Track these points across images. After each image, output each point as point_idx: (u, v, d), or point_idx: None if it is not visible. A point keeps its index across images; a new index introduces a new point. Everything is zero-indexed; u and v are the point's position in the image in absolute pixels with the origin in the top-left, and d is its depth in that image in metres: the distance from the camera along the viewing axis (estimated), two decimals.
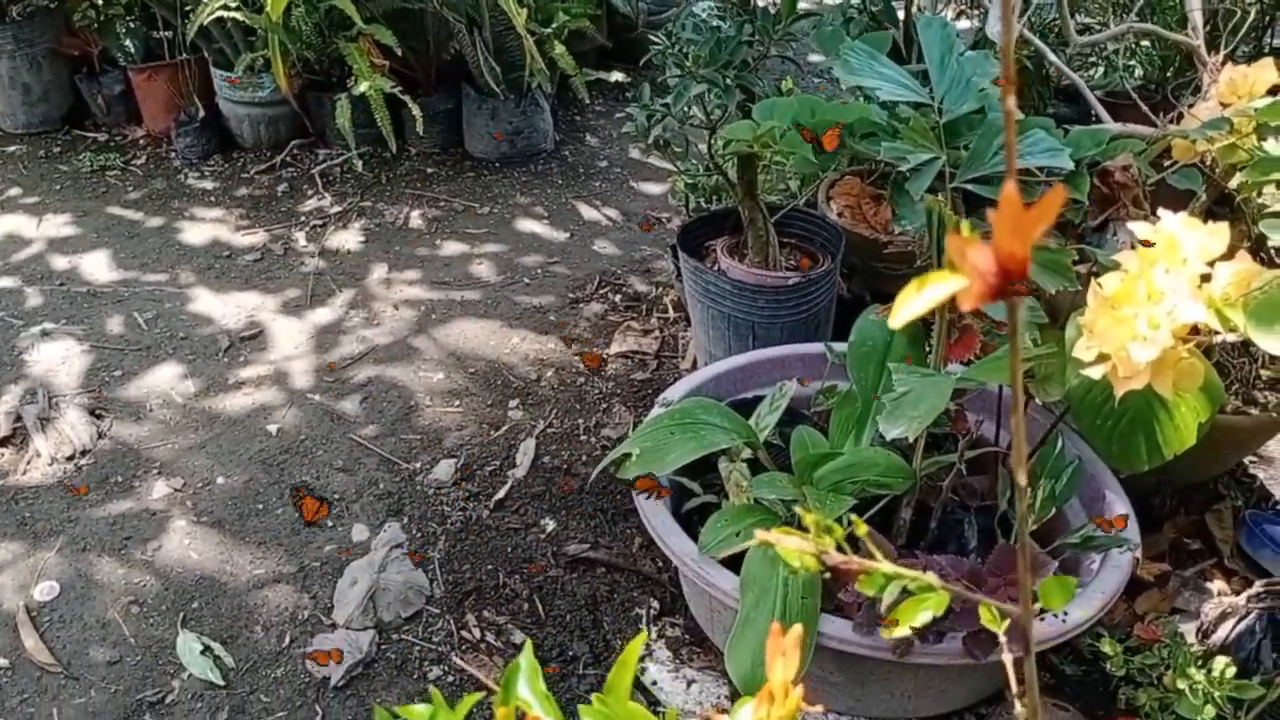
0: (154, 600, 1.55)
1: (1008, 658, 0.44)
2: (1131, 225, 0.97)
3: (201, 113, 2.87)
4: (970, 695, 1.38)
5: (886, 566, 0.36)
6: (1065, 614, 1.24)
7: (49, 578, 1.58)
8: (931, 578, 0.38)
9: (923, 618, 0.38)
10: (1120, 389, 0.95)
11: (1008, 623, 0.40)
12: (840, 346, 1.55)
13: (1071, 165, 1.18)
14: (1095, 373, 0.96)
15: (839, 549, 0.36)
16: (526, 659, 0.41)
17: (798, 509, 1.32)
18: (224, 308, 2.21)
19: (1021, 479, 0.34)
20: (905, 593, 0.38)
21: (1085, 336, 0.98)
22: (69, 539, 1.65)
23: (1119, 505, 1.40)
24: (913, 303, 0.32)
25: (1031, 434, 1.47)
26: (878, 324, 1.49)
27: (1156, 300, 0.92)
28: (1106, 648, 1.35)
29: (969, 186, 1.24)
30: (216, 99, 2.89)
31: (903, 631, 0.38)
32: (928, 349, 1.40)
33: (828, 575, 1.23)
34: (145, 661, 1.46)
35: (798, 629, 0.45)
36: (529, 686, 0.40)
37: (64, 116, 3.05)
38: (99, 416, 1.89)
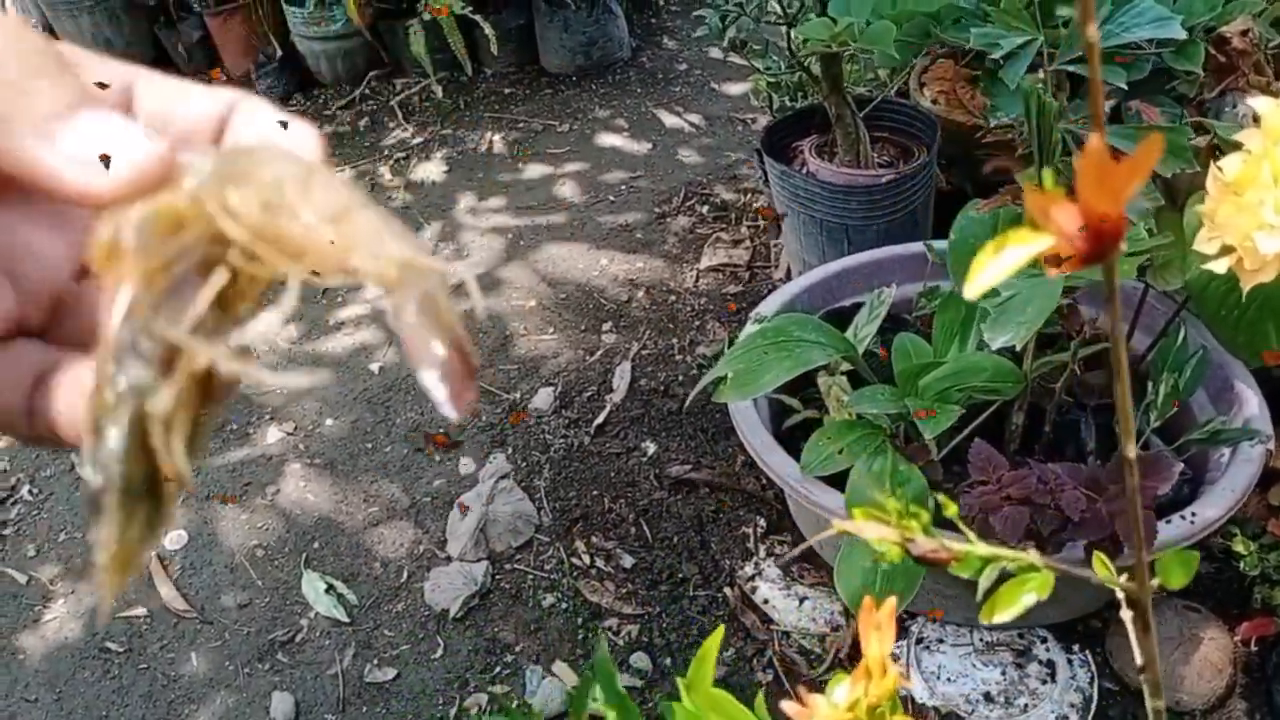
0: (277, 543, 1.61)
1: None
2: (1250, 100, 0.88)
3: (279, 53, 2.88)
4: (1091, 602, 1.34)
5: (982, 548, 0.33)
6: (1194, 514, 1.18)
7: (177, 527, 1.65)
8: (1033, 556, 0.34)
9: (1026, 601, 0.34)
10: (1247, 282, 0.87)
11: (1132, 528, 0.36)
12: (941, 245, 1.48)
13: (1184, 34, 1.08)
14: (1219, 266, 0.88)
15: (925, 532, 0.33)
16: (600, 665, 0.39)
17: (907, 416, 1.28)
18: None
19: (1130, 452, 0.30)
20: (1005, 574, 0.35)
21: (1206, 227, 0.90)
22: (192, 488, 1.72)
23: (1248, 395, 1.31)
24: (990, 267, 0.28)
25: (1152, 324, 1.39)
26: (980, 219, 1.41)
27: None
28: (1239, 546, 1.28)
29: (1070, 68, 1.14)
30: (291, 37, 2.89)
31: (1004, 616, 0.34)
32: None
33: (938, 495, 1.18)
34: (274, 603, 1.52)
35: (891, 602, 0.42)
36: (605, 693, 0.38)
37: (149, 67, 3.08)
38: None
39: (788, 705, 0.40)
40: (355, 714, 1.38)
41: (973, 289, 0.28)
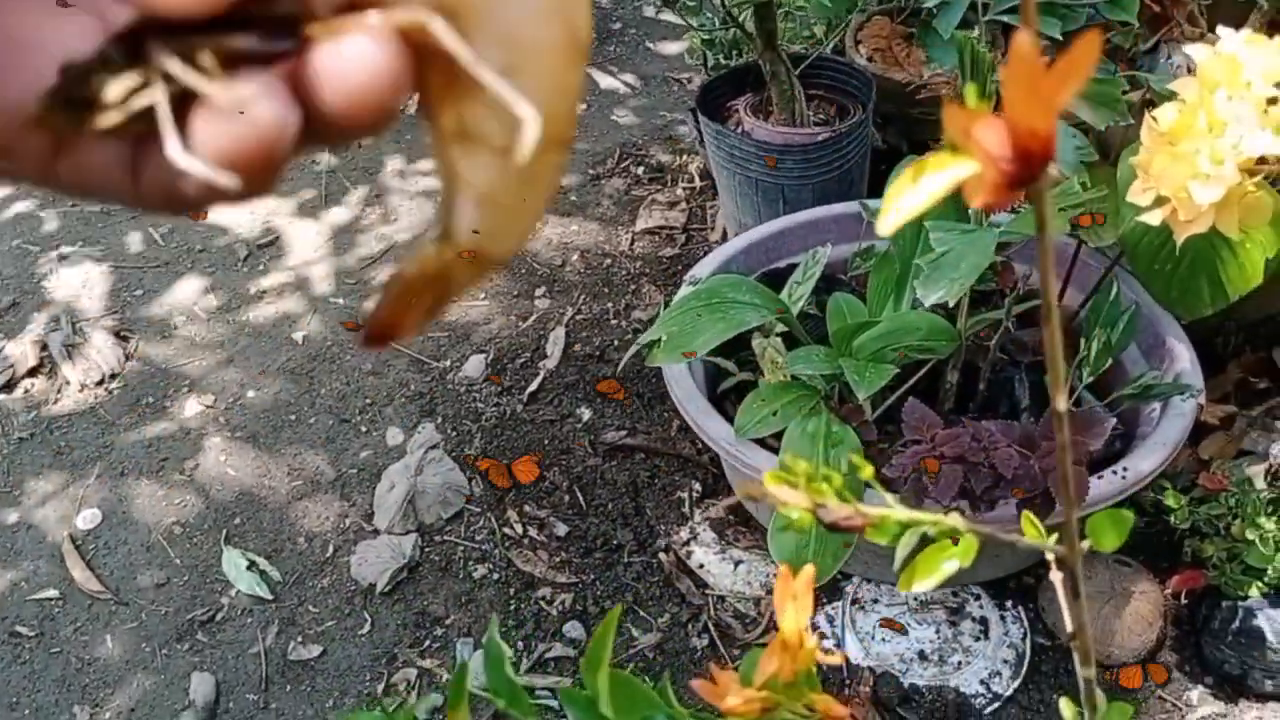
0: (196, 520, 1.55)
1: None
2: (1187, 49, 0.86)
3: None
4: (1026, 559, 1.33)
5: (899, 512, 0.30)
6: (1125, 469, 1.17)
7: (90, 505, 1.58)
8: (956, 520, 0.31)
9: (947, 569, 0.32)
10: (1182, 234, 0.86)
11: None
12: (876, 204, 1.46)
13: None
14: (1153, 218, 0.87)
15: (839, 496, 0.30)
16: (490, 648, 0.35)
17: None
18: (239, 215, 2.16)
19: (1060, 404, 0.27)
20: (925, 539, 0.32)
21: (1140, 178, 0.88)
22: (106, 465, 1.64)
23: (1180, 350, 1.31)
24: (907, 197, 0.25)
25: (1085, 281, 1.38)
26: None
27: (1219, 132, 0.82)
28: (1170, 500, 1.28)
29: (1005, 19, 1.12)
30: None
31: (924, 585, 0.32)
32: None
33: (864, 450, 1.16)
34: (193, 581, 1.47)
35: (809, 570, 0.39)
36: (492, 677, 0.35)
37: None
38: (124, 338, 1.87)
39: (698, 684, 0.37)
40: (279, 693, 1.33)
41: (888, 223, 0.25)
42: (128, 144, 0.23)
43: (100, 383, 1.78)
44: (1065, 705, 0.39)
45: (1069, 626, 0.35)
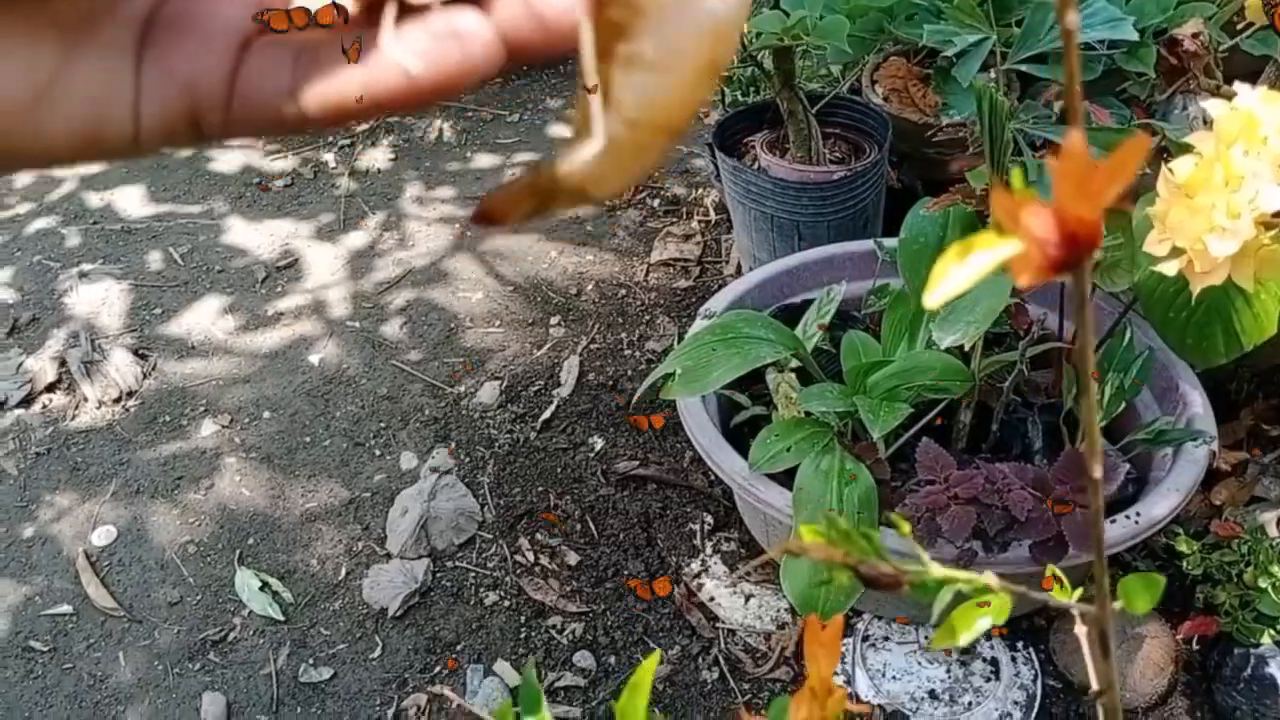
0: (210, 539, 1.56)
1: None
2: (1204, 103, 0.87)
3: None
4: (1035, 600, 1.34)
5: (936, 570, 0.31)
6: (1138, 514, 1.18)
7: (105, 522, 1.59)
8: (990, 578, 0.32)
9: (981, 625, 0.33)
10: (1197, 285, 0.87)
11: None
12: (891, 243, 1.47)
13: (1135, 36, 1.07)
14: (1169, 269, 0.88)
15: (878, 555, 0.31)
16: (527, 690, 0.36)
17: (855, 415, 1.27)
18: (258, 237, 2.18)
19: (1096, 472, 0.28)
20: (960, 595, 0.33)
21: (1156, 229, 0.90)
22: (122, 482, 1.66)
23: (1193, 396, 1.32)
24: (954, 274, 0.26)
25: (1098, 324, 1.39)
26: (930, 218, 1.40)
27: (1235, 186, 0.84)
28: (1183, 546, 1.29)
29: (1023, 67, 1.14)
30: None
31: (960, 641, 0.33)
32: None
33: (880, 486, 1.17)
34: (206, 601, 1.48)
35: (838, 621, 0.40)
36: None
37: None
38: (143, 357, 1.89)
39: None
40: (289, 715, 1.34)
41: (934, 298, 0.26)
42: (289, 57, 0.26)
43: (118, 400, 1.80)
44: None
45: (1095, 684, 0.36)
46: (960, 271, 0.25)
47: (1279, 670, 1.22)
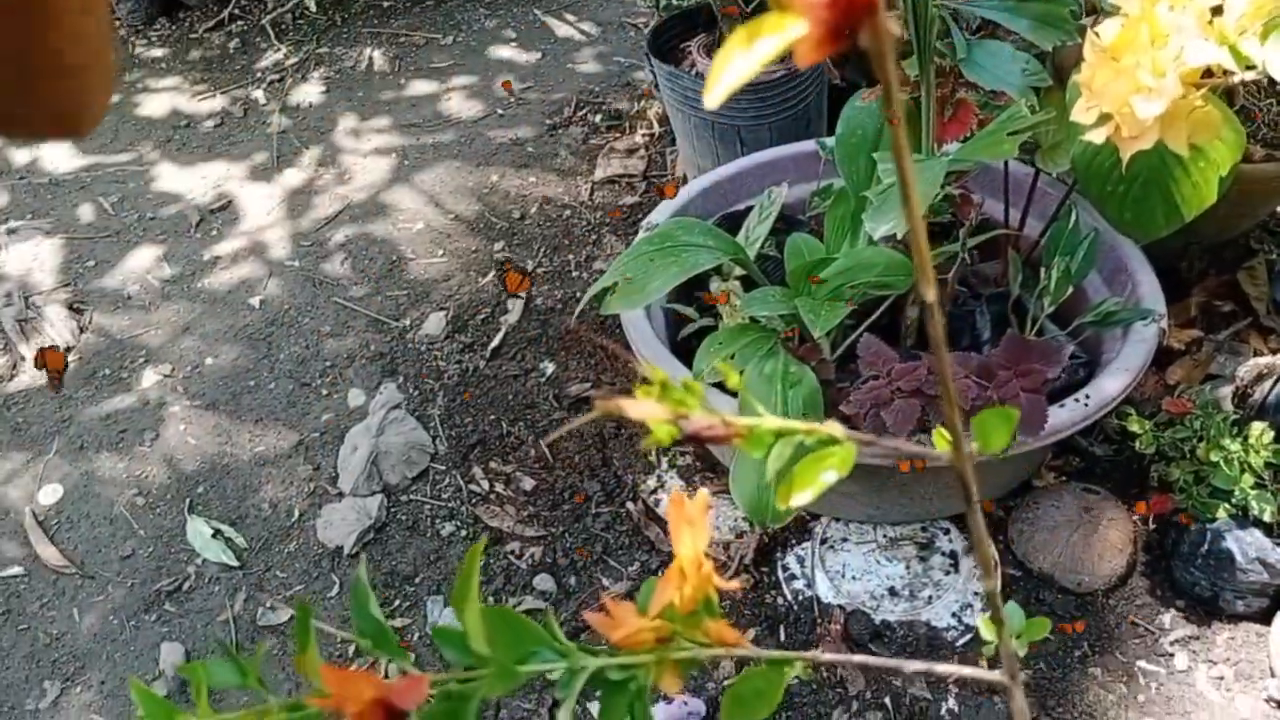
0: (159, 491, 1.53)
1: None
2: None
3: None
4: (995, 488, 1.33)
5: (771, 421, 0.28)
6: (1087, 396, 1.16)
7: (51, 481, 1.56)
8: (834, 427, 0.30)
9: (825, 479, 0.30)
10: (1127, 151, 0.84)
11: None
12: (833, 141, 1.43)
13: None
14: (1097, 136, 0.85)
15: (702, 406, 0.28)
16: (356, 590, 0.34)
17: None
18: (190, 181, 2.11)
19: (929, 295, 0.25)
20: (803, 449, 0.30)
21: (1084, 96, 0.86)
22: (66, 440, 1.62)
23: (1141, 275, 1.30)
24: (738, 63, 0.22)
25: (1045, 210, 1.37)
26: (866, 110, 1.36)
27: (1161, 44, 0.80)
28: (1134, 425, 1.28)
29: None
30: None
31: (800, 500, 0.30)
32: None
33: (826, 385, 1.14)
34: (158, 552, 1.45)
35: (703, 496, 0.38)
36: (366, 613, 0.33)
37: None
38: (78, 311, 1.84)
39: (590, 615, 0.36)
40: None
41: (716, 95, 0.23)
42: None
43: None
44: (983, 624, 0.38)
45: (976, 535, 0.33)
46: (744, 60, 0.22)
47: (1235, 544, 1.21)
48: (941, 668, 0.35)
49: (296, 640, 0.34)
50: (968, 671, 0.36)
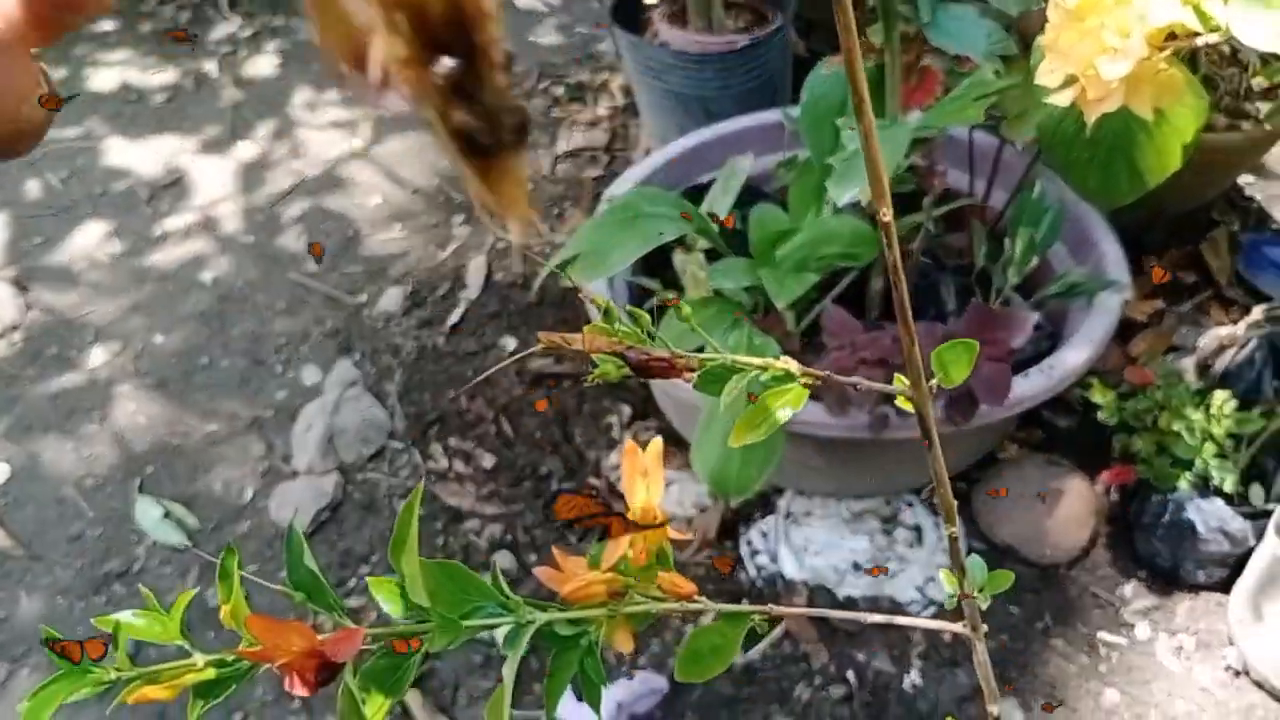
0: (108, 471, 1.49)
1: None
2: None
3: None
4: (959, 460, 1.32)
5: (723, 356, 0.26)
6: (1051, 366, 1.16)
7: None
8: (789, 363, 0.28)
9: (782, 415, 0.28)
10: (1091, 113, 0.82)
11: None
12: (797, 111, 1.41)
13: None
14: (1062, 99, 0.83)
15: (649, 337, 0.26)
16: (291, 541, 0.31)
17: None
18: (140, 156, 2.05)
19: (885, 214, 0.23)
20: (760, 385, 0.28)
21: (1048, 59, 0.84)
22: (13, 420, 1.57)
23: (1106, 246, 1.29)
24: None
25: (1009, 180, 1.35)
26: (831, 78, 1.34)
27: (1126, 4, 0.78)
28: (1098, 396, 1.27)
29: None
30: None
31: (755, 435, 0.28)
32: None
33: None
34: (107, 534, 1.41)
35: (657, 445, 0.36)
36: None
37: None
38: (24, 288, 1.78)
39: (540, 570, 0.34)
40: (201, 639, 1.29)
41: None
42: None
43: (0, 335, 1.70)
44: (945, 576, 0.36)
45: (935, 477, 0.31)
46: None
47: (1196, 514, 1.22)
48: (902, 620, 0.33)
49: (219, 590, 0.32)
50: (930, 624, 0.34)
